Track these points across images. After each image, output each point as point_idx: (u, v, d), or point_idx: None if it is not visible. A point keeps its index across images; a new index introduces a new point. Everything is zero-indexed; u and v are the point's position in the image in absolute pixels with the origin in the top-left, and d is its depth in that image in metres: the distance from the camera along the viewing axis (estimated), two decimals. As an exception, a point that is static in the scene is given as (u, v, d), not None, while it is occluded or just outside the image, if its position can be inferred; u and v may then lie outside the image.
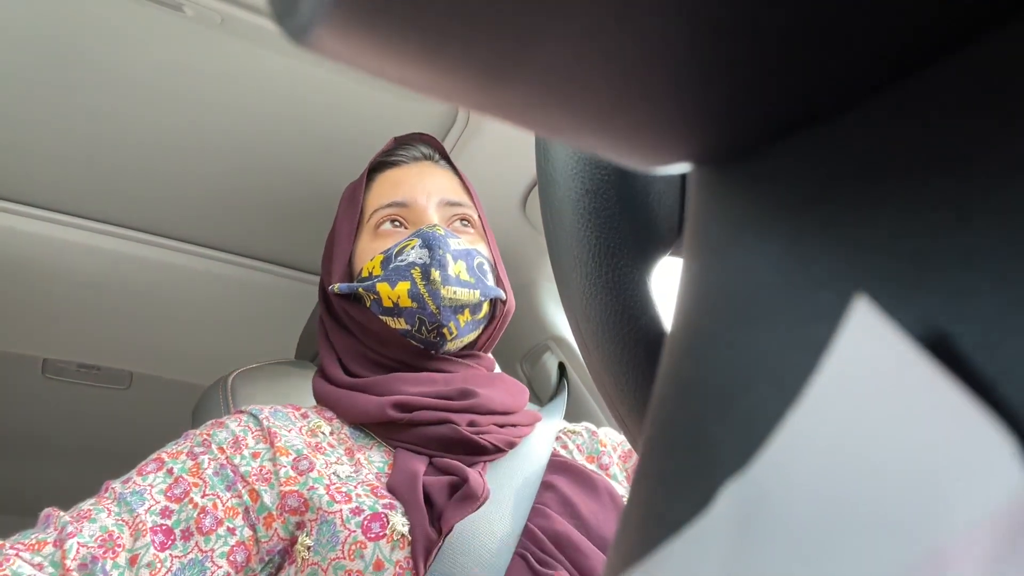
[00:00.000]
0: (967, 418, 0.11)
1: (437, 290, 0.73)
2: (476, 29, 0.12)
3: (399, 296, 0.74)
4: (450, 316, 0.74)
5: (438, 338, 0.75)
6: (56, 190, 1.06)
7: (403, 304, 0.74)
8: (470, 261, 0.77)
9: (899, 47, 0.14)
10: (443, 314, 0.73)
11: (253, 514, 0.61)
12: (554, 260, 0.34)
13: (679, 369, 0.18)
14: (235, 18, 0.83)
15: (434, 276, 0.73)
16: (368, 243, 0.81)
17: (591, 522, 0.66)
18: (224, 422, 0.69)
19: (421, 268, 0.74)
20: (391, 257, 0.76)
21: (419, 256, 0.74)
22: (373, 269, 0.77)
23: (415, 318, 0.74)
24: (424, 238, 0.76)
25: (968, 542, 0.11)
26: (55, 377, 1.45)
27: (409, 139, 0.91)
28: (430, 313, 0.73)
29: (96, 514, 0.56)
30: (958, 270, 0.13)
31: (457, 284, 0.74)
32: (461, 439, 0.68)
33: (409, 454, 0.68)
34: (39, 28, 0.83)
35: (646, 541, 0.16)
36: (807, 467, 0.13)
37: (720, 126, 0.17)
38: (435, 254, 0.74)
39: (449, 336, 0.75)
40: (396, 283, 0.74)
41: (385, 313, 0.76)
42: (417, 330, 0.75)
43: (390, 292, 0.74)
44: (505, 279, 0.83)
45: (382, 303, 0.75)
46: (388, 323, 0.76)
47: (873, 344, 0.13)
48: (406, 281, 0.74)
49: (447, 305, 0.73)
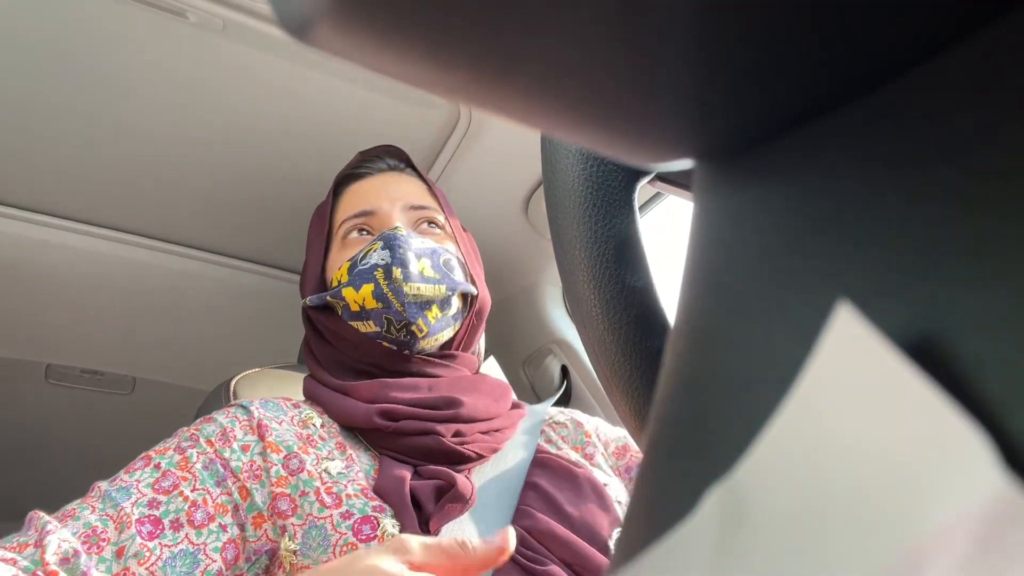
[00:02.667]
0: (945, 421, 0.11)
1: (399, 287, 0.74)
2: (476, 22, 0.12)
3: (364, 298, 0.75)
4: (416, 313, 0.74)
5: (408, 336, 0.75)
6: (59, 196, 1.06)
7: (369, 306, 0.75)
8: (435, 259, 0.78)
9: (900, 40, 0.14)
10: (408, 311, 0.74)
11: (242, 512, 0.61)
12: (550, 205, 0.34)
13: (682, 366, 0.18)
14: (237, 23, 0.83)
15: (396, 275, 0.74)
16: (337, 254, 0.82)
17: (574, 515, 0.66)
18: (213, 416, 0.69)
19: (383, 268, 0.75)
20: (356, 262, 0.78)
21: (381, 258, 0.75)
22: (341, 277, 0.78)
23: (382, 319, 0.75)
24: (385, 239, 0.77)
25: (945, 541, 0.11)
26: (58, 383, 1.45)
27: (374, 152, 0.92)
28: (395, 311, 0.74)
29: (80, 512, 0.56)
30: (961, 262, 0.13)
31: (420, 280, 0.75)
32: (445, 450, 0.69)
33: (394, 462, 0.68)
34: (40, 33, 0.84)
35: (648, 539, 0.16)
36: (788, 471, 0.14)
37: (722, 121, 0.17)
38: (396, 253, 0.75)
39: (420, 334, 0.75)
40: (360, 286, 0.75)
41: (354, 318, 0.76)
42: (387, 331, 0.75)
43: (355, 296, 0.75)
44: (479, 276, 0.84)
45: (350, 308, 0.76)
46: (359, 328, 0.77)
47: (854, 349, 0.13)
48: (369, 283, 0.75)
49: (411, 302, 0.74)
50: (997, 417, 0.11)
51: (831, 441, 0.13)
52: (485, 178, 1.08)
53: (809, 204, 0.16)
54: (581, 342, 0.36)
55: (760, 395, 0.15)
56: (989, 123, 0.13)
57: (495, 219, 1.13)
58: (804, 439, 0.13)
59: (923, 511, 0.11)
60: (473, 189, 1.08)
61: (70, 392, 1.47)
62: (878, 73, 0.15)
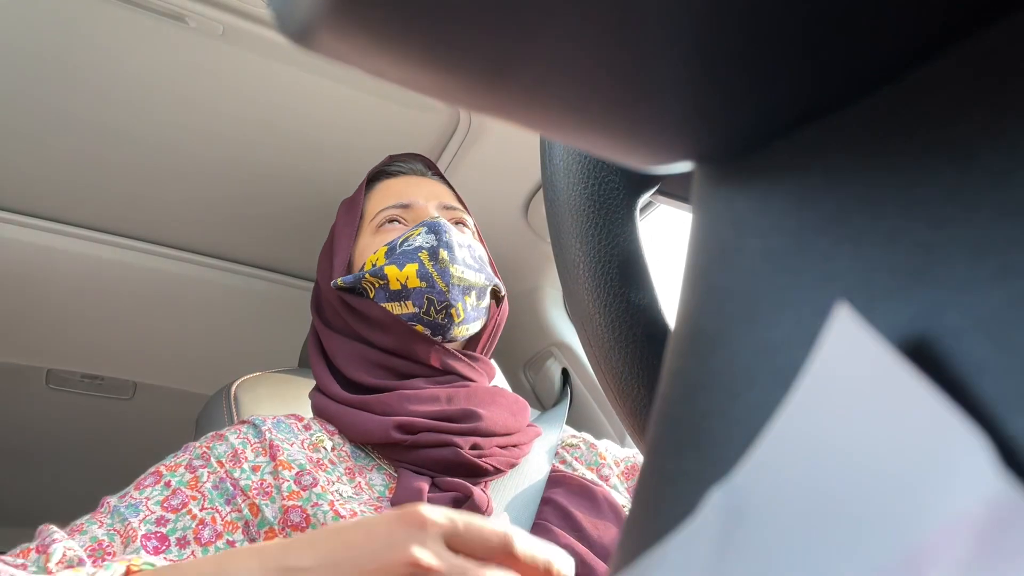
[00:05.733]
0: (943, 422, 0.11)
1: (446, 268, 0.75)
2: (475, 25, 0.12)
3: (407, 277, 0.75)
4: (458, 296, 0.76)
5: (446, 320, 0.76)
6: (60, 201, 1.06)
7: (411, 285, 0.75)
8: (472, 252, 0.80)
9: (900, 42, 0.14)
10: (452, 292, 0.75)
11: (253, 528, 0.61)
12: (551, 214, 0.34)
13: (683, 367, 0.18)
14: (236, 28, 0.83)
15: (442, 255, 0.75)
16: (369, 240, 0.83)
17: (592, 533, 0.66)
18: (224, 434, 0.68)
19: (429, 250, 0.76)
20: (396, 246, 0.78)
21: (426, 240, 0.77)
22: (377, 260, 0.79)
23: (423, 298, 0.75)
24: (429, 226, 0.78)
25: (944, 543, 0.11)
26: (59, 388, 1.45)
27: (404, 156, 0.95)
28: (439, 291, 0.75)
29: (88, 527, 0.56)
30: (963, 262, 0.13)
31: (464, 265, 0.77)
32: (463, 462, 0.68)
33: (412, 474, 0.68)
34: (40, 39, 0.84)
35: (649, 540, 0.16)
36: (787, 473, 0.14)
37: (721, 123, 0.17)
38: (442, 238, 0.77)
39: (456, 318, 0.76)
40: (404, 265, 0.76)
41: (392, 298, 0.76)
42: (425, 311, 0.75)
43: (398, 274, 0.76)
44: (500, 279, 0.86)
45: (389, 287, 0.76)
46: (393, 310, 0.77)
47: (852, 351, 0.13)
48: (414, 263, 0.76)
49: (456, 283, 0.76)
50: (996, 419, 0.11)
51: (830, 443, 0.13)
52: (485, 182, 1.08)
53: (809, 206, 0.16)
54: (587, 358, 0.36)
55: (760, 396, 0.15)
56: (988, 125, 0.13)
57: (495, 222, 1.14)
58: (803, 441, 0.13)
59: (922, 512, 0.11)
60: (473, 193, 1.08)
61: (71, 397, 1.47)
62: (877, 75, 0.15)
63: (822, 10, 0.13)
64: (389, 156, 0.94)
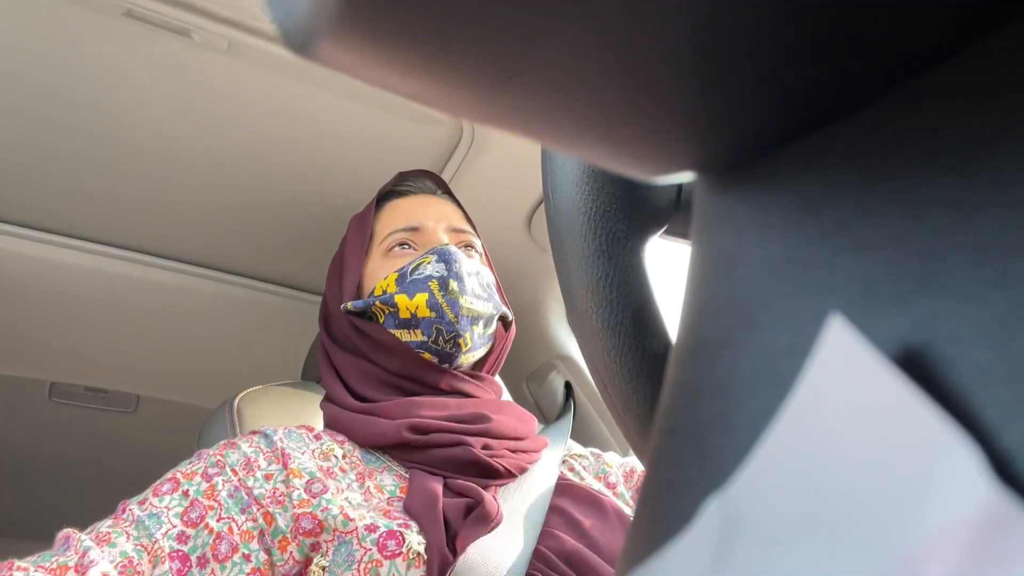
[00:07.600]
0: (936, 432, 0.12)
1: (455, 299, 0.76)
2: (479, 35, 0.13)
3: (417, 307, 0.76)
4: (467, 326, 0.77)
5: (454, 348, 0.77)
6: (64, 213, 1.06)
7: (421, 315, 0.76)
8: (480, 279, 0.81)
9: (899, 51, 0.14)
10: (461, 323, 0.76)
11: (268, 537, 0.61)
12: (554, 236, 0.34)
13: (685, 376, 0.18)
14: (241, 43, 0.84)
15: (452, 287, 0.76)
16: (379, 264, 0.84)
17: (599, 541, 0.66)
18: (236, 443, 0.69)
19: (439, 280, 0.77)
20: (406, 274, 0.79)
21: (436, 270, 0.78)
22: (388, 286, 0.79)
23: (432, 328, 0.76)
24: (439, 254, 0.79)
25: (936, 552, 0.11)
26: (62, 401, 1.45)
27: (414, 173, 0.95)
28: (448, 322, 0.75)
29: (115, 537, 0.57)
30: (964, 270, 0.13)
31: (473, 296, 0.78)
32: (476, 461, 0.69)
33: (425, 475, 0.68)
34: (44, 52, 0.85)
35: (651, 549, 0.16)
36: (782, 483, 0.14)
37: (723, 133, 0.17)
38: (452, 267, 0.77)
39: (464, 347, 0.77)
40: (414, 294, 0.76)
41: (401, 326, 0.77)
42: (434, 341, 0.76)
43: (408, 303, 0.76)
44: (507, 305, 0.87)
45: (399, 315, 0.77)
46: (401, 336, 0.77)
47: (846, 361, 0.13)
48: (424, 292, 0.76)
49: (465, 315, 0.76)
50: (998, 426, 0.11)
51: (824, 453, 0.13)
52: (487, 195, 1.08)
53: (810, 215, 0.16)
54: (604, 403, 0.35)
55: (762, 405, 0.15)
56: (988, 133, 0.13)
57: (498, 235, 1.14)
58: (798, 451, 0.14)
59: (917, 520, 0.11)
60: (476, 206, 1.08)
61: (74, 410, 1.47)
62: (878, 84, 0.15)
63: (823, 20, 0.13)
64: (399, 174, 0.95)
